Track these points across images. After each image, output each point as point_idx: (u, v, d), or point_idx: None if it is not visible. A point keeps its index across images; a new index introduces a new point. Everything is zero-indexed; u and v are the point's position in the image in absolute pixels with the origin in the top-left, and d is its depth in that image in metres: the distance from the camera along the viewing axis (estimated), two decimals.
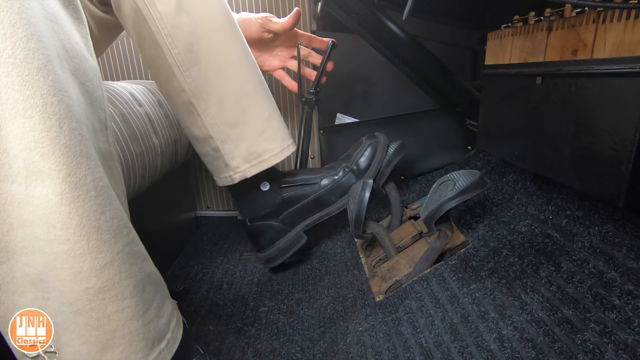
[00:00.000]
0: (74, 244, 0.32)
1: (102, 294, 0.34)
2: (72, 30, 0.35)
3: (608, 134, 0.42)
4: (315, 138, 0.97)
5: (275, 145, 0.67)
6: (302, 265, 0.80)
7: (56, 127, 0.30)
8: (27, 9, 0.29)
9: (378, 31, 0.79)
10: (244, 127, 0.64)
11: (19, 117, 0.28)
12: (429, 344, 0.47)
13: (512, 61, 0.61)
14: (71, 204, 0.31)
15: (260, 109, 0.65)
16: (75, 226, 0.31)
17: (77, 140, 0.32)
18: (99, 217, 0.33)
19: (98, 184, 0.33)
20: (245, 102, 0.64)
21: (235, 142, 0.65)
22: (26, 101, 0.29)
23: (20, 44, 0.28)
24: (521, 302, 0.45)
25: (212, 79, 0.61)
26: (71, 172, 0.31)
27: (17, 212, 0.30)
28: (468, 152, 0.91)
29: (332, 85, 0.93)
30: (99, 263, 0.33)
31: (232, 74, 0.62)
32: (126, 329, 0.36)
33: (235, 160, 0.66)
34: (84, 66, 0.35)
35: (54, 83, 0.30)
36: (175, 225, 0.92)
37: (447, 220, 0.55)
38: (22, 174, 0.29)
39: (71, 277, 0.32)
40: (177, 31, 0.57)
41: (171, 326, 0.43)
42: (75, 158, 0.31)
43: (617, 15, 0.40)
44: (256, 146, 0.66)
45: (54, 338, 0.35)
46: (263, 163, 0.67)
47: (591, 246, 0.45)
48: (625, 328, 0.36)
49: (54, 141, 0.30)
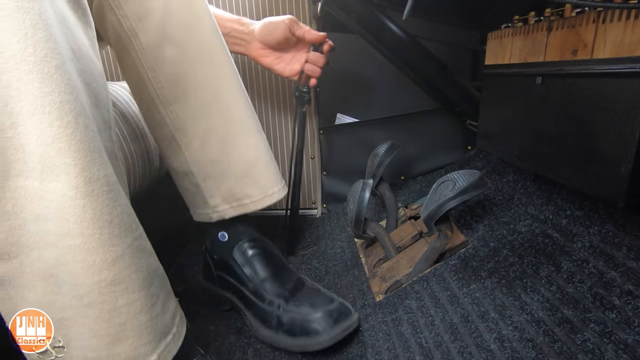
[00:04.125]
0: (88, 237, 0.32)
1: (113, 286, 0.34)
2: (80, 33, 0.36)
3: (608, 134, 0.42)
4: (315, 138, 0.97)
5: (256, 192, 0.62)
6: (302, 265, 0.80)
7: (72, 124, 0.31)
8: (45, 10, 0.30)
9: (378, 31, 0.79)
10: (227, 167, 0.60)
11: (37, 112, 0.29)
12: (429, 344, 0.47)
13: (512, 61, 0.61)
14: (85, 197, 0.32)
15: (244, 150, 0.60)
16: (89, 219, 0.32)
17: (91, 136, 0.32)
18: (111, 211, 0.34)
19: (110, 179, 0.34)
20: (229, 141, 0.59)
21: (217, 180, 0.60)
22: (45, 98, 0.29)
23: (41, 44, 0.29)
24: (521, 302, 0.45)
25: (197, 115, 0.57)
26: (86, 167, 0.32)
27: (30, 206, 0.31)
28: (468, 152, 0.91)
29: (332, 85, 0.93)
30: (111, 256, 0.34)
31: (219, 110, 0.58)
32: (135, 321, 0.37)
33: (214, 199, 0.62)
34: (90, 67, 0.36)
35: (69, 82, 0.31)
36: (175, 225, 0.92)
37: (447, 220, 0.55)
38: (37, 169, 0.30)
39: (83, 270, 0.33)
40: (161, 64, 0.53)
41: (176, 321, 0.44)
42: (90, 154, 0.32)
43: (617, 15, 0.40)
44: (237, 188, 0.61)
45: (63, 333, 0.35)
46: (242, 207, 0.62)
47: (591, 246, 0.45)
48: (625, 328, 0.36)
49: (71, 137, 0.31)
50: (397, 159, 0.80)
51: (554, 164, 0.52)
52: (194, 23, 0.54)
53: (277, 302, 0.57)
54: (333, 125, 0.96)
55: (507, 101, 0.64)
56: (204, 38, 0.55)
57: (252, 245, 0.63)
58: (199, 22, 0.55)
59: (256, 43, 0.72)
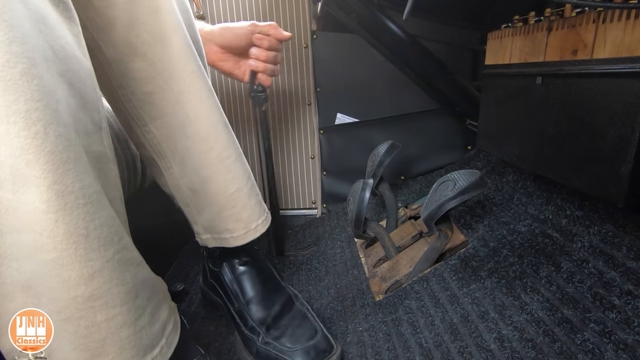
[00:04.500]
0: (61, 252, 0.31)
1: (91, 302, 0.33)
2: (62, 30, 0.34)
3: (608, 134, 0.42)
4: (316, 138, 0.97)
5: (238, 227, 0.58)
6: (303, 265, 0.80)
7: (41, 134, 0.29)
8: (9, 10, 0.28)
9: (378, 31, 0.79)
10: (205, 198, 0.56)
11: (2, 123, 0.28)
12: (428, 344, 0.47)
13: (512, 61, 0.61)
14: (58, 212, 0.30)
15: (223, 183, 0.55)
16: (62, 234, 0.31)
17: (63, 146, 0.31)
18: (87, 225, 0.32)
19: (87, 191, 0.32)
20: (206, 172, 0.54)
21: (197, 209, 0.57)
22: (9, 107, 0.28)
23: (2, 48, 0.27)
24: (521, 302, 0.45)
25: (174, 137, 0.52)
26: (57, 180, 0.30)
27: (5, 218, 0.30)
28: (468, 152, 0.91)
29: (332, 86, 0.93)
30: (88, 271, 0.33)
31: (194, 135, 0.52)
32: (116, 336, 0.35)
33: (197, 225, 0.59)
34: (74, 67, 0.34)
35: (39, 87, 0.29)
36: (175, 225, 0.92)
37: (447, 220, 0.55)
38: (9, 180, 0.29)
39: (59, 285, 0.32)
40: (130, 82, 0.48)
41: (166, 332, 0.42)
42: (62, 165, 0.30)
43: (617, 15, 0.40)
44: (217, 221, 0.57)
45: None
46: (223, 241, 0.59)
47: (591, 246, 0.45)
48: (625, 328, 0.36)
49: (39, 148, 0.29)
50: (397, 159, 0.80)
51: (554, 164, 0.52)
52: (165, 35, 0.47)
53: (259, 329, 0.55)
54: (333, 125, 0.96)
55: (507, 101, 0.64)
56: (177, 52, 0.49)
57: (243, 262, 0.61)
58: (171, 33, 0.48)
59: (214, 47, 0.69)
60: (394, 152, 0.76)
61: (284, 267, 0.79)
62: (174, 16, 0.48)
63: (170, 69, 0.49)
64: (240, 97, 0.96)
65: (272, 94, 0.95)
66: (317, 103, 0.95)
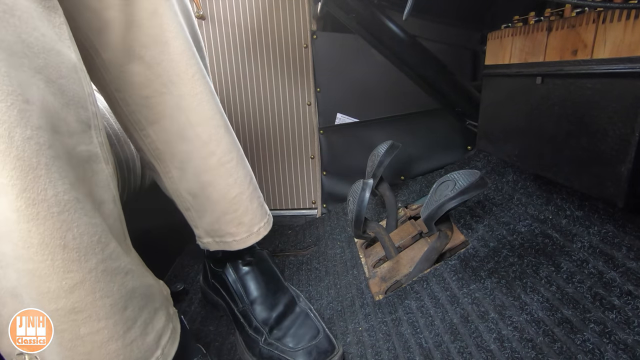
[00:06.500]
0: (38, 263, 0.29)
1: (73, 315, 0.32)
2: (38, 22, 0.31)
3: (608, 134, 0.42)
4: (316, 138, 0.97)
5: (240, 230, 0.57)
6: (303, 265, 0.80)
7: (6, 138, 0.26)
8: None
9: (378, 31, 0.79)
10: (206, 202, 0.54)
11: None
12: (428, 344, 0.47)
13: (512, 61, 0.61)
14: (30, 221, 0.28)
15: (224, 187, 0.54)
16: (37, 245, 0.29)
17: (32, 150, 0.28)
18: (64, 234, 0.30)
19: (62, 198, 0.30)
20: (207, 177, 0.53)
21: (198, 213, 0.56)
22: None
23: None
24: (521, 302, 0.45)
25: (173, 141, 0.50)
26: (27, 187, 0.28)
27: None
28: (468, 152, 0.91)
29: (332, 85, 0.93)
30: (67, 283, 0.31)
31: (194, 139, 0.51)
32: (103, 351, 0.34)
33: (198, 229, 0.58)
34: (54, 61, 0.31)
35: (1, 87, 0.27)
36: (175, 225, 0.92)
37: (447, 220, 0.55)
38: None
39: (39, 297, 0.30)
40: (127, 86, 0.46)
41: (162, 342, 0.40)
42: (32, 171, 0.28)
43: (617, 15, 0.40)
44: (218, 225, 0.56)
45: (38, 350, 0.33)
46: (225, 245, 0.58)
47: (591, 246, 0.45)
48: (625, 328, 0.36)
49: (4, 153, 0.26)
50: (397, 159, 0.80)
51: (554, 164, 0.52)
52: (165, 38, 0.46)
53: (262, 329, 0.55)
54: (333, 125, 0.96)
55: (507, 101, 0.64)
56: (177, 55, 0.47)
57: (247, 262, 0.61)
58: (171, 36, 0.46)
59: None
60: (394, 152, 0.76)
61: (285, 268, 0.79)
62: (175, 18, 0.47)
63: (170, 73, 0.47)
64: (240, 97, 0.96)
65: (272, 94, 0.95)
66: (317, 103, 0.95)
